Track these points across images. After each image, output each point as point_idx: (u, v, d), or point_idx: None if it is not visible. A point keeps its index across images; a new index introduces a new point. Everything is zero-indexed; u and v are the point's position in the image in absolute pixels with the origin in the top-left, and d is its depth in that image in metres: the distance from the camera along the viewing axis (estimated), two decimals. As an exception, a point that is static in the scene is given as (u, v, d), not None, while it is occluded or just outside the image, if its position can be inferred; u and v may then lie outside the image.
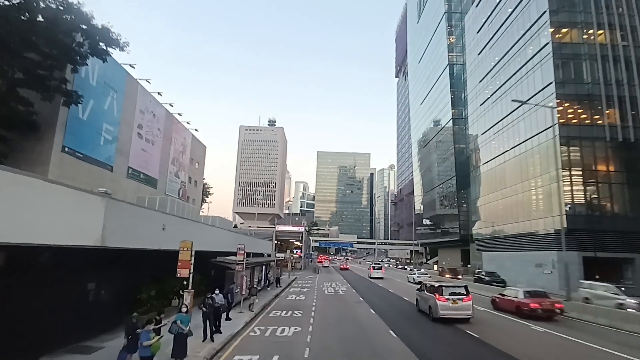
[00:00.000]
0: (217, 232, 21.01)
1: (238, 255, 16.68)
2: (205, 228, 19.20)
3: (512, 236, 45.33)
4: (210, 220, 31.00)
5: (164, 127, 33.15)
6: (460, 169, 70.11)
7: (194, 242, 12.48)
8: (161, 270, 14.43)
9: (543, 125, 39.53)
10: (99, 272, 11.74)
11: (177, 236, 13.29)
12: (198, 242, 17.22)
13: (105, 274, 11.96)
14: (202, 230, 18.53)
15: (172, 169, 35.44)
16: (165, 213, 14.33)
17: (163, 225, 12.87)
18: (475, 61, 58.26)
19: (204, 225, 19.11)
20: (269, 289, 27.38)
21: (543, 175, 39.36)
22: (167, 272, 13.70)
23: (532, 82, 42.28)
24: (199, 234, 17.47)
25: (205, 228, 19.36)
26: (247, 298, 17.41)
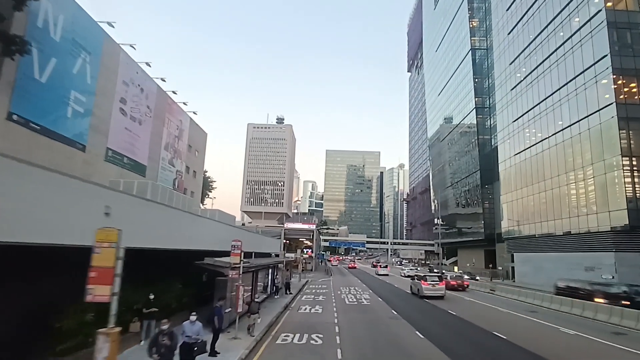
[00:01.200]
0: (210, 226, 16.10)
1: (232, 255, 11.76)
2: (191, 220, 14.29)
3: (553, 235, 39.74)
4: (208, 213, 26.29)
5: (155, 105, 28.43)
6: (485, 162, 64.42)
7: (175, 238, 7.64)
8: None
9: (595, 106, 33.99)
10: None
11: (141, 228, 8.49)
12: (181, 237, 12.35)
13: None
14: (188, 222, 13.67)
15: (166, 155, 30.73)
16: (115, 191, 9.40)
17: (106, 208, 7.96)
18: (505, 42, 52.62)
19: (190, 216, 14.20)
20: (276, 297, 22.45)
21: (595, 164, 33.75)
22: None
23: (579, 58, 36.68)
24: (182, 227, 12.67)
25: (192, 220, 14.45)
26: (246, 315, 12.48)
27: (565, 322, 16.93)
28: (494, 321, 16.74)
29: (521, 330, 14.98)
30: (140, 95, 26.36)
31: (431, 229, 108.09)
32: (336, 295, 25.35)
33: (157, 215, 11.02)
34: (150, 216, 10.71)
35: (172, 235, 11.70)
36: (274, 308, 17.76)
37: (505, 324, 16.09)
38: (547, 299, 22.35)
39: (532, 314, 19.11)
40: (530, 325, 16.32)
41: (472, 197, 69.03)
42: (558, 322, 16.83)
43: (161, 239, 11.11)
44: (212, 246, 14.20)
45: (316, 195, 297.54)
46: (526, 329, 15.38)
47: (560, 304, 21.04)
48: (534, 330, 15.16)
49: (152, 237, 10.58)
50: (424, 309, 20.24)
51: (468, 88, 69.17)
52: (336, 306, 20.16)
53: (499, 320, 17.24)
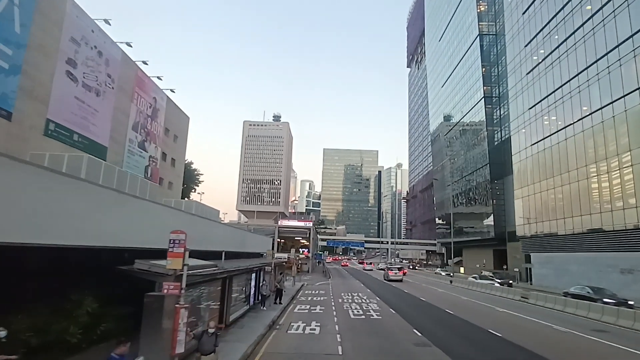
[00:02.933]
0: (154, 214, 11.22)
1: (170, 257, 7.09)
2: (117, 202, 9.41)
3: (580, 233, 35.24)
4: (183, 206, 21.57)
5: (119, 75, 23.65)
6: (494, 155, 59.99)
7: (82, 231, 3.98)
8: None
9: (634, 83, 29.49)
10: None
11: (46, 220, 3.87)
12: (96, 229, 7.66)
13: None
14: (112, 207, 8.84)
15: (135, 137, 25.96)
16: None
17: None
18: (519, 22, 48.16)
19: (112, 195, 9.33)
20: (263, 309, 17.69)
21: (634, 150, 29.26)
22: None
23: (612, 31, 32.20)
24: (100, 213, 7.92)
25: (119, 203, 9.61)
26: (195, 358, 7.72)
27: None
28: (563, 349, 12.11)
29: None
30: (98, 60, 21.57)
31: (433, 228, 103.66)
32: (337, 305, 20.65)
33: (47, 193, 6.33)
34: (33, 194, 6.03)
35: (77, 226, 7.00)
36: (254, 328, 13.01)
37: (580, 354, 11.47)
38: (611, 313, 17.26)
39: (602, 336, 14.24)
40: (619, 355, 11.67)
41: (480, 193, 64.59)
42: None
43: (53, 230, 6.43)
44: (155, 243, 9.41)
45: (313, 194, 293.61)
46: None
47: (634, 319, 16.18)
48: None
49: (34, 227, 5.95)
50: (461, 330, 15.34)
51: (476, 76, 64.73)
52: (338, 323, 15.42)
53: (570, 347, 12.56)
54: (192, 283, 9.40)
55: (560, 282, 36.64)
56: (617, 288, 30.36)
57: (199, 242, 14.00)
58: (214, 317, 10.67)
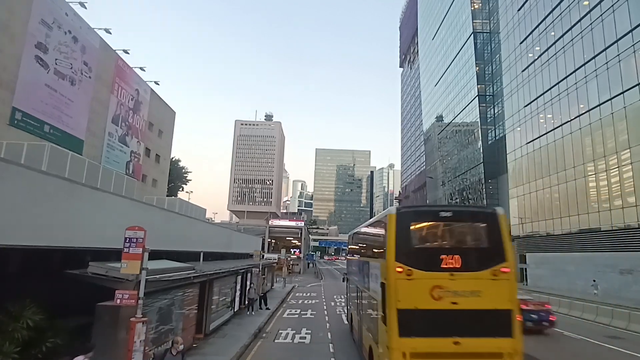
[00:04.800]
0: (116, 208, 9.83)
1: (125, 259, 5.79)
2: (70, 194, 8.06)
3: (577, 232, 34.50)
4: (166, 203, 20.22)
5: (97, 64, 22.13)
6: (488, 154, 59.26)
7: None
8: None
9: (633, 79, 28.80)
10: None
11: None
12: (58, 226, 6.27)
13: None
14: (62, 201, 7.48)
15: (115, 130, 24.43)
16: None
17: None
18: (514, 19, 47.47)
19: (87, 190, 8.01)
20: (249, 314, 16.36)
21: (634, 147, 28.53)
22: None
23: (610, 27, 31.52)
24: (46, 207, 6.56)
25: (95, 198, 8.27)
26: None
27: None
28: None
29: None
30: (73, 47, 20.05)
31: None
32: (329, 309, 19.42)
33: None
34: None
35: (12, 222, 5.63)
36: (238, 337, 11.68)
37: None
38: (622, 317, 16.01)
39: (619, 344, 13.07)
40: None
41: (474, 192, 63.89)
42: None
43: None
44: (120, 242, 8.04)
45: (306, 195, 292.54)
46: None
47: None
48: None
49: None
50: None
51: (469, 75, 64.04)
52: (331, 329, 14.18)
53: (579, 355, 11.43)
54: (164, 289, 8.08)
55: (557, 283, 35.96)
56: (616, 289, 29.66)
57: (177, 242, 12.65)
58: (190, 326, 9.35)
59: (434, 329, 6.92)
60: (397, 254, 7.21)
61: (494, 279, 7.03)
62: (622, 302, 26.15)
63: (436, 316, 6.94)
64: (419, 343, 6.79)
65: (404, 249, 7.27)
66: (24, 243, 6.13)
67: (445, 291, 6.93)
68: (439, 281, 6.97)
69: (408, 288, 6.98)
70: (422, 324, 6.90)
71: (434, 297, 6.92)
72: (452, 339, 6.79)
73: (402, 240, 7.36)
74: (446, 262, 7.15)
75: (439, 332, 6.89)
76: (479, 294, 6.95)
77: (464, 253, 7.39)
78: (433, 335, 6.90)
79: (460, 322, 6.89)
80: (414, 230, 7.69)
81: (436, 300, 6.91)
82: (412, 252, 7.33)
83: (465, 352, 6.75)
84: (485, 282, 7.03)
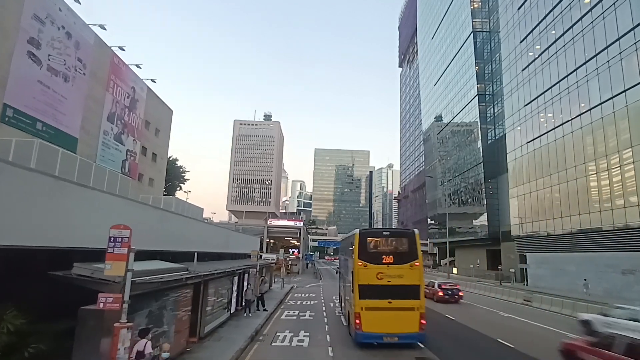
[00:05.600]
0: (123, 209, 9.51)
1: (109, 260, 5.38)
2: (83, 196, 7.70)
3: (578, 232, 34.23)
4: (162, 202, 19.88)
5: (92, 61, 21.73)
6: (488, 154, 59.01)
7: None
8: None
9: (635, 77, 28.51)
10: None
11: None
12: (44, 225, 5.89)
13: None
14: (72, 200, 7.12)
15: (110, 128, 24.03)
16: None
17: None
18: (514, 18, 47.21)
19: (75, 188, 7.62)
20: (247, 316, 15.99)
21: (636, 146, 28.24)
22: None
23: (612, 24, 31.25)
24: (50, 206, 6.19)
25: (85, 196, 7.89)
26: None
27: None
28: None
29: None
30: (67, 42, 19.64)
31: (425, 228, 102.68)
32: (328, 310, 19.04)
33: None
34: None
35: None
36: (233, 340, 11.30)
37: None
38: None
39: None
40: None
41: (474, 192, 63.63)
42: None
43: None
44: (105, 242, 7.65)
45: (304, 195, 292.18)
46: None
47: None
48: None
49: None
50: (468, 340, 13.80)
51: (469, 74, 63.77)
52: (330, 332, 13.81)
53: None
54: (154, 291, 7.70)
55: (557, 283, 35.70)
56: (618, 289, 29.40)
57: (172, 242, 12.28)
58: (184, 329, 8.97)
59: (377, 295, 12.03)
60: (359, 255, 12.53)
61: (410, 268, 12.33)
62: (624, 303, 25.87)
63: (379, 288, 12.10)
64: (369, 302, 11.99)
65: (363, 252, 12.59)
66: (6, 243, 5.76)
67: (384, 275, 12.27)
68: (381, 269, 12.30)
69: (364, 273, 12.32)
70: (372, 292, 12.04)
71: (378, 278, 12.19)
72: (387, 300, 11.98)
73: (362, 247, 12.65)
74: (385, 259, 12.44)
75: (380, 296, 12.00)
76: (402, 276, 12.23)
77: (395, 254, 12.61)
78: (377, 298, 12.01)
79: (392, 291, 12.04)
80: (368, 241, 12.97)
81: (379, 279, 12.18)
82: (367, 254, 12.63)
83: (394, 307, 11.94)
84: (406, 270, 12.31)
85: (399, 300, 11.88)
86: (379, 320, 11.81)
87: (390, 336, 11.77)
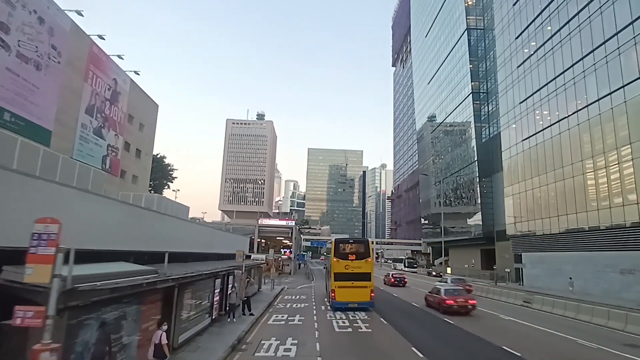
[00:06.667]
0: (81, 204, 8.29)
1: (29, 262, 4.23)
2: (30, 187, 6.52)
3: (575, 231, 33.56)
4: (144, 199, 18.66)
5: (68, 49, 20.38)
6: (482, 152, 58.41)
7: None
8: None
9: (634, 73, 27.86)
10: None
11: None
12: None
13: None
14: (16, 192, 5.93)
15: (89, 121, 22.67)
16: None
17: None
18: (509, 14, 46.56)
19: (15, 177, 6.46)
20: (231, 321, 14.81)
21: (635, 143, 27.59)
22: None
23: (609, 19, 30.61)
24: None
25: (35, 187, 6.71)
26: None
27: None
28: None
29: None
30: (39, 28, 18.30)
31: (418, 228, 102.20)
32: (319, 314, 17.91)
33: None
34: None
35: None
36: (211, 351, 10.08)
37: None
38: (636, 321, 14.54)
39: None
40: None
41: (468, 191, 63.02)
42: None
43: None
44: (67, 242, 6.45)
45: (298, 195, 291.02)
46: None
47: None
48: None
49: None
50: (471, 349, 12.75)
51: (463, 72, 63.13)
52: (320, 338, 12.65)
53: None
54: (110, 298, 6.52)
55: (554, 283, 35.02)
56: (616, 290, 28.75)
57: (147, 241, 11.11)
58: (148, 342, 7.79)
59: (345, 278, 18.84)
60: (334, 254, 19.54)
61: (365, 262, 19.14)
62: (623, 304, 25.15)
63: (346, 275, 18.85)
64: (340, 283, 18.85)
65: (336, 252, 19.52)
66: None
67: (349, 266, 19.09)
68: (347, 263, 19.13)
69: (337, 265, 19.10)
70: (342, 277, 18.84)
71: (345, 268, 18.99)
72: (350, 282, 18.82)
73: (336, 249, 19.63)
74: (350, 257, 19.34)
75: (347, 279, 18.80)
76: (360, 267, 19.05)
77: (356, 254, 19.50)
78: (345, 280, 18.84)
79: (354, 276, 18.87)
80: (340, 246, 20.03)
81: (346, 269, 18.94)
82: (339, 253, 19.57)
83: (355, 286, 18.75)
84: (362, 263, 19.12)
85: (358, 282, 18.99)
86: (346, 294, 19.10)
87: (352, 304, 19.10)
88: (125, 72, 26.78)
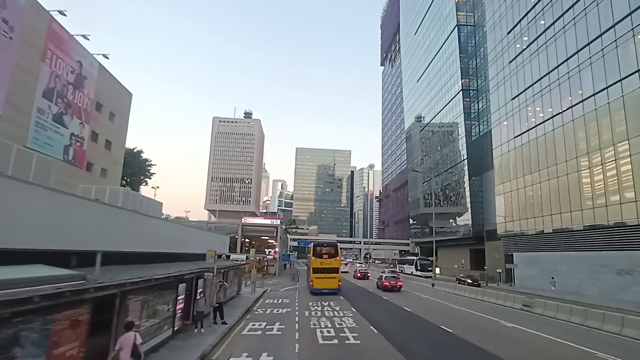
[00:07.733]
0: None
1: None
2: None
3: (570, 230, 32.50)
4: (107, 193, 16.61)
5: (22, 25, 18.08)
6: (472, 151, 57.42)
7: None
8: None
9: (632, 66, 26.84)
10: None
11: None
12: None
13: None
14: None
15: (48, 106, 20.35)
16: None
17: None
18: (501, 9, 45.56)
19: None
20: (198, 332, 12.83)
21: (633, 138, 26.56)
22: None
23: (606, 11, 29.61)
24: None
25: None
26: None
27: None
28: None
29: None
30: (-16, -4, 15.98)
31: (406, 228, 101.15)
32: (302, 321, 15.98)
33: None
34: None
35: None
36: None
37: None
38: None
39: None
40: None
41: (457, 190, 62.00)
42: None
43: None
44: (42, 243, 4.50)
45: (286, 195, 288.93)
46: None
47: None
48: None
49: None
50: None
51: (453, 69, 62.09)
52: (301, 354, 10.76)
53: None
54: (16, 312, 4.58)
55: (548, 284, 33.88)
56: (613, 290, 27.70)
57: (96, 240, 9.09)
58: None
59: (320, 272, 27.95)
60: (313, 254, 28.69)
61: (335, 260, 28.50)
62: (620, 305, 24.03)
63: (322, 269, 28.03)
64: (317, 275, 27.91)
65: (314, 253, 28.66)
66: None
67: (323, 263, 28.29)
68: (322, 261, 28.32)
69: (315, 262, 28.30)
70: (318, 271, 27.94)
71: (321, 264, 28.16)
72: (324, 274, 27.88)
73: (314, 250, 28.79)
74: (324, 256, 28.51)
75: (321, 272, 27.93)
76: (331, 263, 28.41)
77: (328, 254, 28.71)
78: (320, 273, 27.92)
79: (326, 270, 28.03)
80: (317, 248, 29.10)
81: (321, 265, 28.13)
82: (316, 253, 28.63)
83: (327, 277, 27.73)
84: (333, 261, 28.46)
85: (329, 274, 27.40)
86: (321, 283, 27.25)
87: (325, 289, 26.93)
88: (93, 55, 24.42)
